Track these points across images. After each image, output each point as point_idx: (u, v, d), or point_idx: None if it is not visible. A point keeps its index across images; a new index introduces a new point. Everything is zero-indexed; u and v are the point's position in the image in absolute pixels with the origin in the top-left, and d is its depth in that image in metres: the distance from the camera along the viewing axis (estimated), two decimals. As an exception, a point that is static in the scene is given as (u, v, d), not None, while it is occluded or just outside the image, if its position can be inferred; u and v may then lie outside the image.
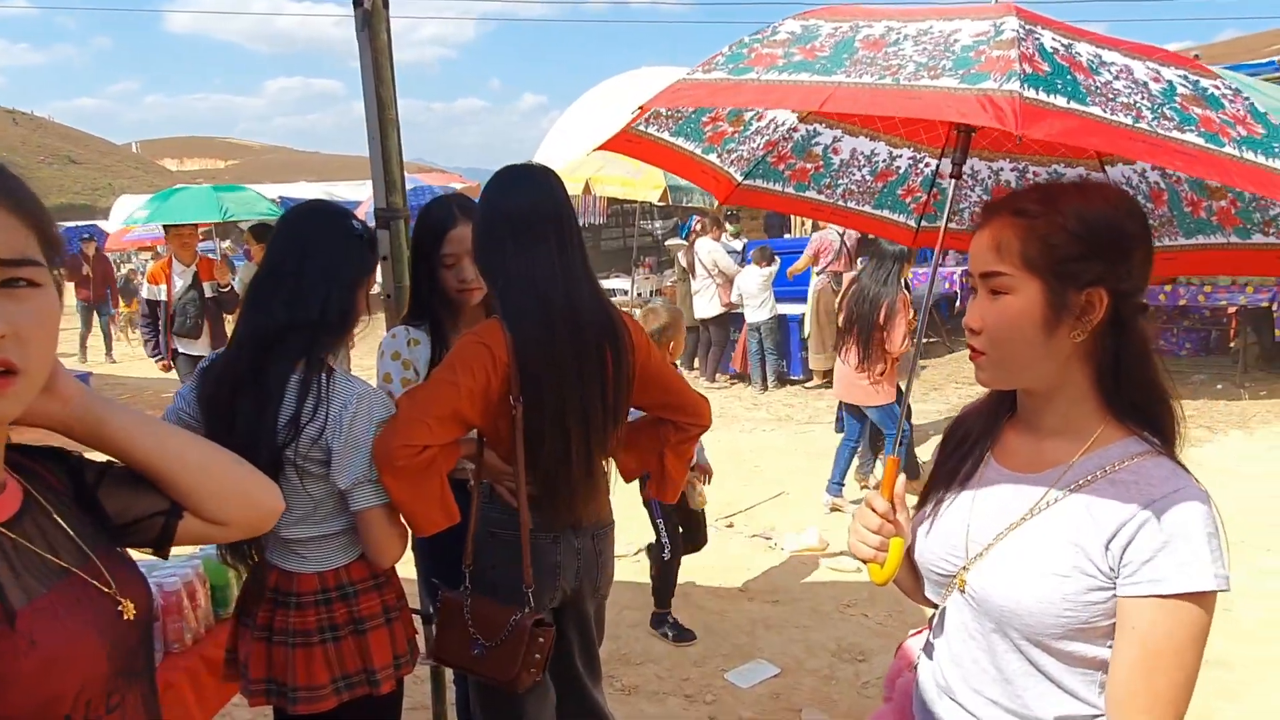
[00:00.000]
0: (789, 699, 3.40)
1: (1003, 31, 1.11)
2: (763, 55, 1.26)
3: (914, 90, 1.08)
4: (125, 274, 17.28)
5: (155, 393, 9.90)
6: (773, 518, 5.47)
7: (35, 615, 0.89)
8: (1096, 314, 1.13)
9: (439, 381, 1.88)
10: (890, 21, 1.22)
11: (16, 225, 0.88)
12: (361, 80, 2.37)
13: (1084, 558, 1.11)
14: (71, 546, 0.99)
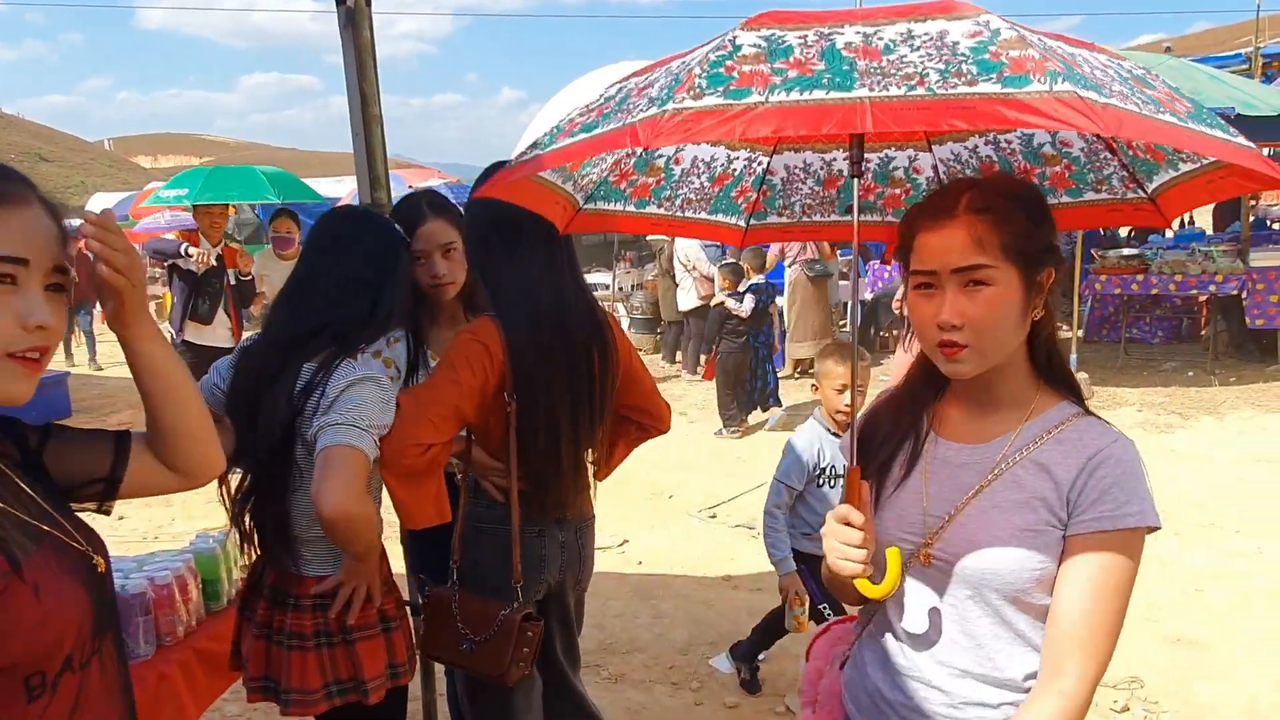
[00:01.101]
0: (774, 684, 3.46)
1: (1000, 32, 1.07)
2: (749, 75, 1.11)
3: (963, 100, 1.01)
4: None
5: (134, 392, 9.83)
6: (755, 508, 5.52)
7: (34, 569, 1.00)
8: (1046, 290, 1.23)
9: (441, 380, 1.91)
10: (857, 25, 1.14)
11: (58, 234, 1.03)
12: (345, 77, 2.39)
13: (1049, 511, 1.20)
14: (40, 510, 1.08)
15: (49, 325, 1.01)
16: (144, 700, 1.79)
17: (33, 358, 1.01)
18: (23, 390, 1.01)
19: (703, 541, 5.03)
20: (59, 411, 8.50)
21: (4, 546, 0.98)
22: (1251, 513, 5.01)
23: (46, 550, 1.04)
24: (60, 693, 1.02)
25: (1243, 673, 3.44)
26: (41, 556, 1.02)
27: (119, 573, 2.05)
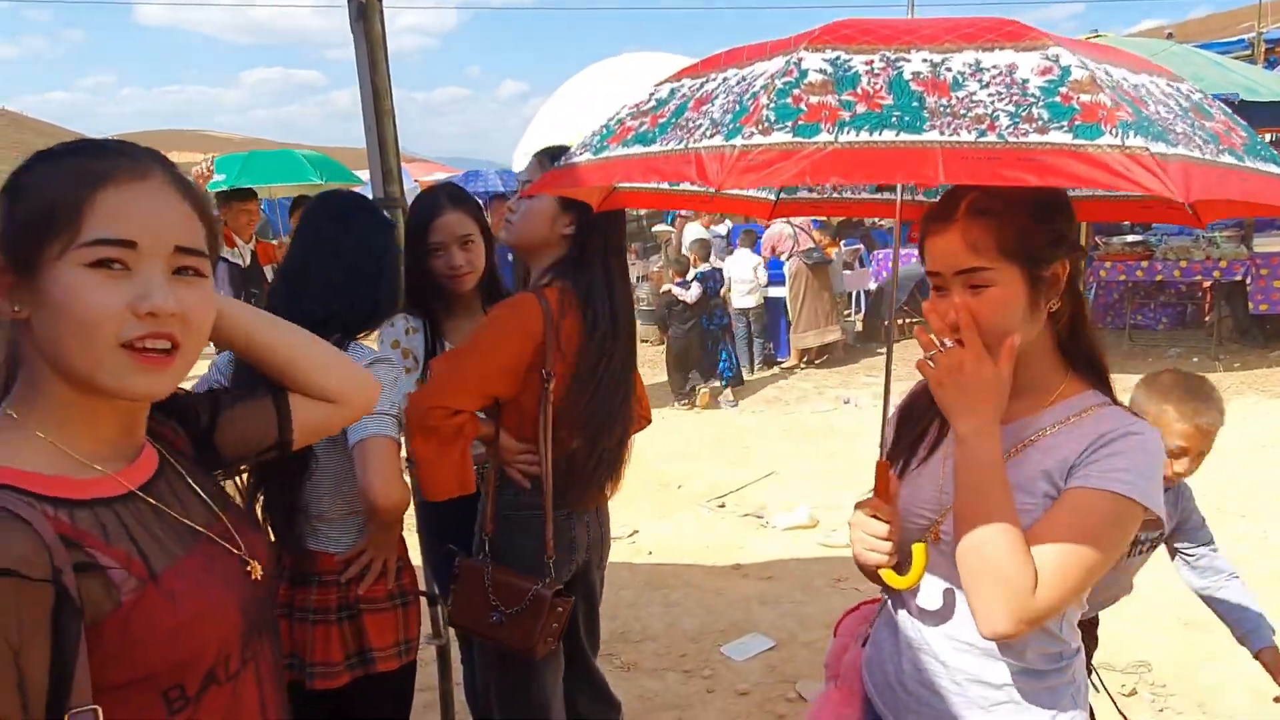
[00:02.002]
0: (784, 671, 3.51)
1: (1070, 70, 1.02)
2: (817, 108, 1.05)
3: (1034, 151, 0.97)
4: None
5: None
6: (764, 498, 5.57)
7: (177, 576, 0.94)
8: (1062, 281, 1.24)
9: (475, 349, 1.95)
10: (923, 51, 1.08)
11: (193, 217, 0.97)
12: (356, 71, 2.40)
13: (1049, 484, 1.23)
14: (202, 508, 1.05)
15: (162, 311, 0.90)
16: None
17: (155, 348, 0.90)
18: (146, 386, 0.92)
19: (712, 531, 5.08)
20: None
21: (142, 553, 0.92)
22: (1257, 498, 5.04)
23: (197, 555, 0.99)
24: (205, 706, 0.96)
25: (1248, 655, 3.47)
26: (191, 561, 0.98)
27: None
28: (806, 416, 7.63)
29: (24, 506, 0.86)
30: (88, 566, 0.87)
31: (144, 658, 0.90)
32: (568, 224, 2.07)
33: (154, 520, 0.98)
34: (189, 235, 0.95)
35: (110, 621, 0.87)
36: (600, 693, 2.45)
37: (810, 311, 9.17)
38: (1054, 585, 1.16)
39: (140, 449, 1.02)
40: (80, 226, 0.88)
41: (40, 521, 0.85)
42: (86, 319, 0.88)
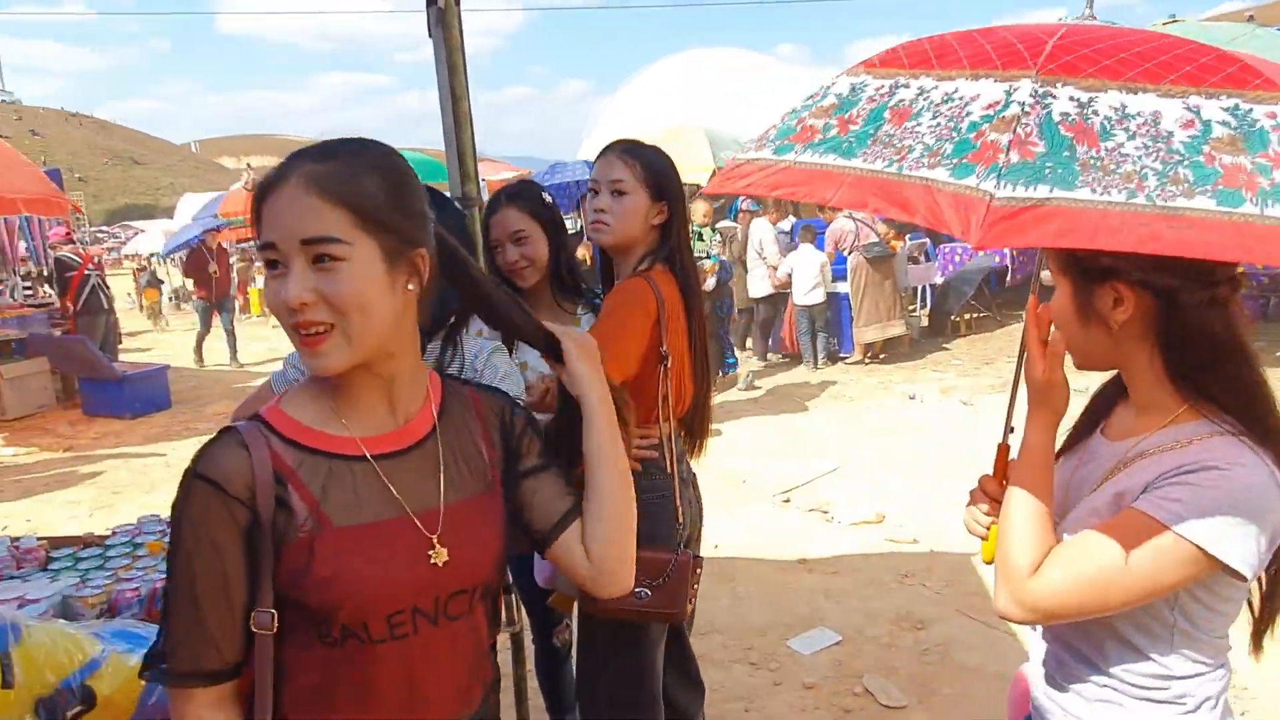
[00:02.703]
0: (850, 666, 3.51)
1: (1009, 105, 1.05)
2: (806, 128, 1.18)
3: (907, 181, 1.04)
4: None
5: (227, 384, 10.31)
6: (828, 493, 5.56)
7: (343, 537, 1.06)
8: (1128, 305, 1.20)
9: (614, 325, 2.02)
10: (926, 78, 1.14)
11: (324, 208, 1.01)
12: (436, 75, 2.46)
13: (1119, 506, 1.20)
14: (426, 494, 1.14)
15: (293, 300, 1.00)
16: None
17: (311, 331, 1.02)
18: (315, 364, 1.04)
19: (778, 525, 5.09)
20: (160, 403, 8.99)
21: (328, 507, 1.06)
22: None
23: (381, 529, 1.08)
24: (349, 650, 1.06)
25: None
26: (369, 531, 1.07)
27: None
28: (871, 411, 7.57)
29: (257, 438, 1.06)
30: (283, 501, 1.05)
31: (301, 590, 1.04)
32: (658, 214, 2.17)
33: (367, 485, 1.10)
34: (315, 225, 1.01)
35: (286, 550, 1.04)
36: (690, 674, 2.52)
37: (871, 306, 9.08)
38: (1058, 583, 1.17)
39: (404, 425, 1.15)
40: (259, 234, 1.04)
41: (261, 453, 1.05)
42: (275, 314, 1.04)
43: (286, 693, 1.07)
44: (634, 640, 2.17)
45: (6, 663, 1.38)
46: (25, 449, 7.61)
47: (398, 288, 1.07)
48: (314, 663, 1.07)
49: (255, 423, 1.08)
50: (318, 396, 1.12)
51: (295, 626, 1.06)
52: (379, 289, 1.04)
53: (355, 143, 1.09)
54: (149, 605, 1.99)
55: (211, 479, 1.03)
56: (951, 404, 7.58)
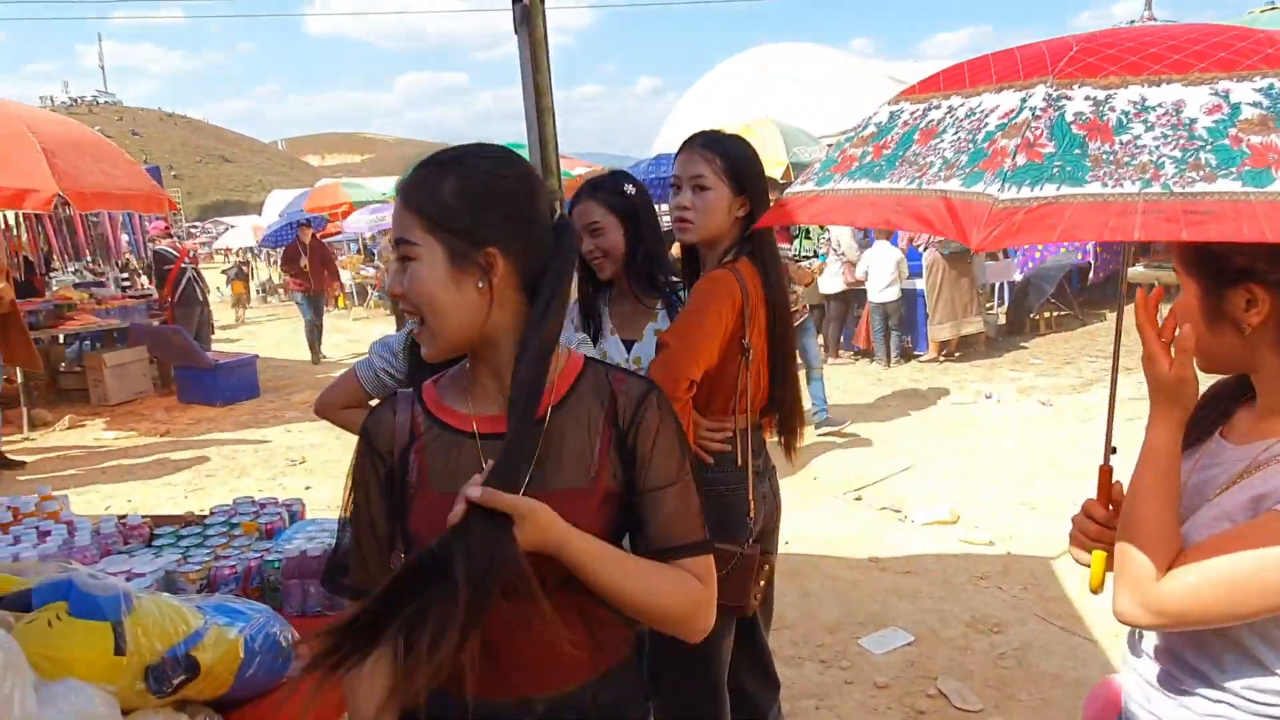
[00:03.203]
0: (924, 667, 3.47)
1: (1022, 111, 1.05)
2: (847, 158, 1.23)
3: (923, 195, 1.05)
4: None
5: (311, 374, 10.67)
6: (901, 491, 5.48)
7: (433, 501, 1.18)
8: (1262, 308, 1.16)
9: (698, 322, 2.05)
10: (956, 97, 1.16)
11: (405, 214, 1.17)
12: (520, 70, 2.52)
13: (1255, 511, 1.16)
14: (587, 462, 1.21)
15: (392, 291, 1.19)
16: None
17: (417, 321, 1.19)
18: (421, 348, 1.20)
19: (849, 523, 5.04)
20: (249, 391, 9.37)
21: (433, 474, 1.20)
22: None
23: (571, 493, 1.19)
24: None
25: None
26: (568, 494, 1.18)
27: (325, 532, 2.32)
28: (946, 410, 7.42)
29: (405, 406, 1.26)
30: (406, 460, 1.23)
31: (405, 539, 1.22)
32: (740, 207, 2.19)
33: (467, 459, 1.20)
34: (399, 229, 1.18)
35: (407, 499, 1.22)
36: (765, 669, 2.52)
37: (947, 303, 8.89)
38: (1190, 586, 1.13)
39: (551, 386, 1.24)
40: None
41: (404, 416, 1.25)
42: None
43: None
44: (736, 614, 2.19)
45: (120, 630, 1.48)
46: (125, 433, 8.02)
47: (465, 286, 1.16)
48: None
49: (412, 391, 1.27)
50: (461, 377, 1.27)
51: None
52: (443, 286, 1.15)
53: (455, 150, 1.21)
54: (245, 582, 2.10)
55: (367, 431, 1.25)
56: (1030, 404, 7.38)
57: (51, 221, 9.51)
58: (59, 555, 2.15)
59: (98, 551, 2.27)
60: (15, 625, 1.47)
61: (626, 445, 1.23)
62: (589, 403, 1.24)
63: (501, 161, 1.20)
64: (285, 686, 1.75)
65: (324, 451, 7.10)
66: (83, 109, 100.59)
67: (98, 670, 1.44)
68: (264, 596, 2.08)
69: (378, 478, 1.24)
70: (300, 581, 2.09)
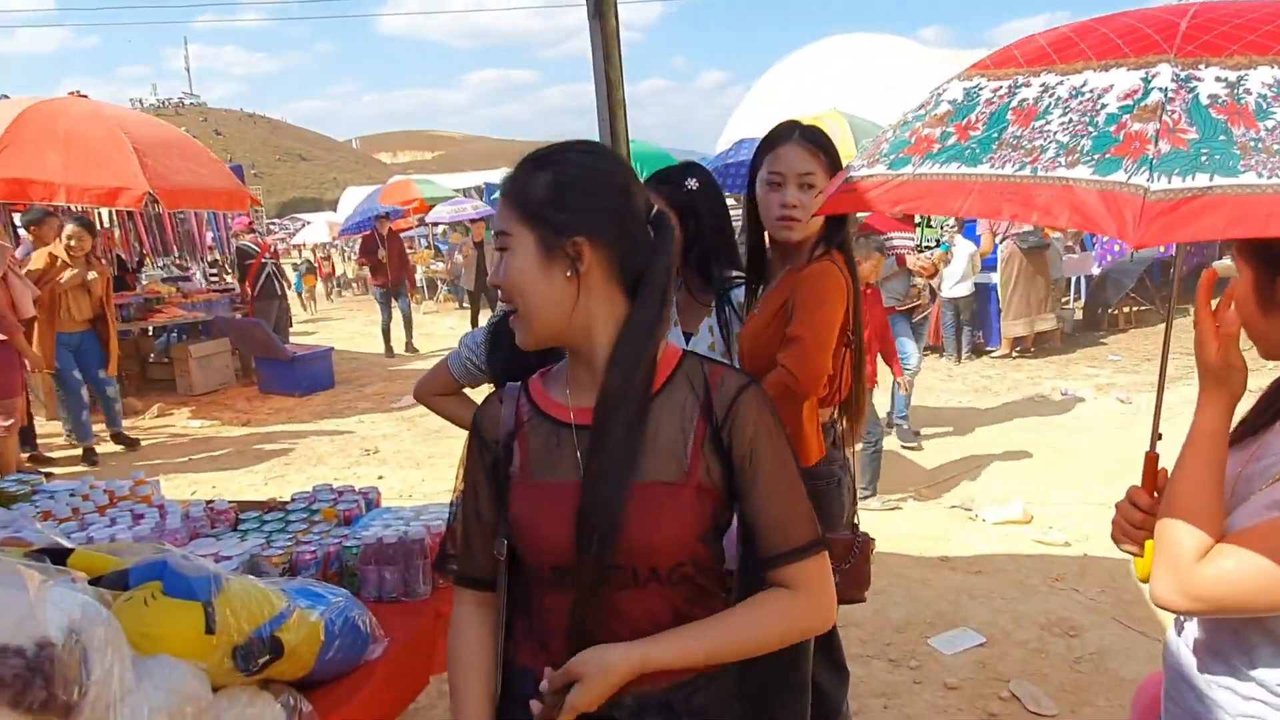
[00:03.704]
0: (996, 669, 3.40)
1: (1150, 93, 0.98)
2: (922, 139, 1.16)
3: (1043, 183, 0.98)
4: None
5: (383, 367, 10.93)
6: (973, 490, 5.37)
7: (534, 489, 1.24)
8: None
9: (827, 315, 2.05)
10: (1048, 75, 1.09)
11: (502, 204, 1.23)
12: (592, 64, 2.52)
13: None
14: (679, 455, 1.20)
15: (490, 283, 1.27)
16: (425, 631, 2.10)
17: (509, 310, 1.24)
18: (518, 338, 1.24)
19: (917, 521, 4.96)
20: (325, 382, 9.65)
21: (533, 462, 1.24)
22: None
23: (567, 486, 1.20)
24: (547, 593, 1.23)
25: None
26: (553, 487, 1.22)
27: (400, 520, 2.39)
28: (1018, 407, 7.23)
29: (511, 398, 1.31)
30: (509, 449, 1.27)
31: (507, 525, 1.25)
32: None
33: (564, 448, 1.24)
34: (498, 221, 1.23)
35: (509, 487, 1.26)
36: (836, 660, 2.53)
37: (1022, 298, 8.66)
38: (1231, 571, 1.10)
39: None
40: None
41: (510, 408, 1.29)
42: None
43: (516, 615, 1.30)
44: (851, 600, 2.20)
45: (210, 610, 1.55)
46: (209, 422, 8.35)
47: (555, 275, 1.19)
48: (535, 593, 1.26)
49: (519, 384, 1.32)
50: (564, 369, 1.30)
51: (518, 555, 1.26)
52: (534, 275, 1.19)
53: (554, 145, 1.25)
54: (324, 566, 2.17)
55: (476, 422, 1.32)
56: (1108, 401, 7.14)
57: (142, 219, 9.93)
58: (151, 537, 2.26)
59: (186, 535, 2.37)
60: (114, 603, 1.55)
61: (721, 441, 1.21)
62: (684, 395, 1.24)
63: (593, 156, 1.23)
64: (363, 669, 1.81)
65: (396, 442, 7.27)
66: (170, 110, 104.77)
67: (189, 648, 1.51)
68: (342, 581, 2.15)
69: (484, 466, 1.29)
70: (377, 567, 2.16)
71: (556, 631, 1.23)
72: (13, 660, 1.27)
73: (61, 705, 1.29)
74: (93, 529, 2.28)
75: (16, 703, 1.26)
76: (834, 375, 2.12)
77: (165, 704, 1.42)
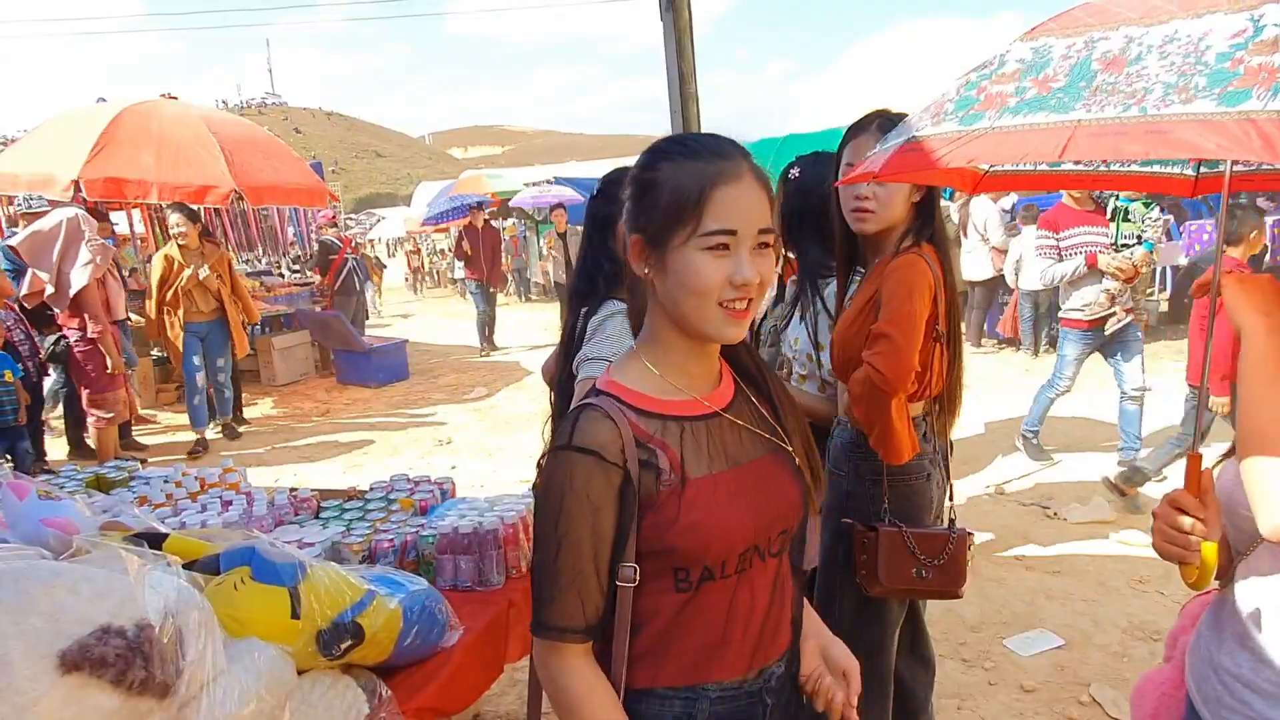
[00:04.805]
0: (1075, 672, 3.30)
1: (1263, 28, 0.96)
2: (993, 96, 1.15)
3: (1163, 122, 0.95)
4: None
5: (458, 359, 11.12)
6: (1048, 488, 5.21)
7: (701, 487, 1.21)
8: None
9: (913, 309, 2.01)
10: (1130, 28, 1.08)
11: (768, 203, 1.21)
12: (664, 57, 2.52)
13: None
14: (770, 426, 1.32)
15: (752, 280, 1.17)
16: (498, 620, 2.14)
17: (739, 308, 1.18)
18: (734, 333, 1.20)
19: (992, 517, 4.84)
20: (400, 374, 9.88)
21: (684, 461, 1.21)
22: None
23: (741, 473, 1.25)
24: (703, 592, 1.22)
25: None
26: (725, 478, 1.23)
27: (474, 511, 2.44)
28: (1094, 402, 6.97)
29: (616, 411, 1.21)
30: (648, 464, 1.20)
31: (664, 539, 1.19)
32: (917, 192, 2.12)
33: (721, 436, 1.26)
34: (767, 218, 1.20)
35: (654, 506, 1.19)
36: (922, 654, 2.49)
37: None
38: None
39: (719, 380, 1.31)
40: (701, 219, 1.15)
41: (623, 423, 1.20)
42: (703, 288, 1.16)
43: (637, 642, 1.23)
44: (875, 618, 2.18)
45: (296, 596, 1.61)
46: (291, 410, 8.64)
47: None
48: (666, 609, 1.22)
49: (608, 398, 1.23)
50: (645, 372, 1.26)
51: (654, 576, 1.21)
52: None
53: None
54: (401, 555, 2.23)
55: (591, 449, 1.17)
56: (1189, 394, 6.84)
57: (228, 215, 10.31)
58: (239, 523, 2.35)
59: (272, 521, 2.47)
60: (206, 587, 1.62)
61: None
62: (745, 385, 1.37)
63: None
64: (440, 655, 1.86)
65: (469, 433, 7.41)
66: (253, 110, 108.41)
67: (276, 631, 1.58)
68: (419, 569, 2.21)
69: (614, 492, 1.18)
70: (452, 557, 2.21)
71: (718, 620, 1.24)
72: (115, 640, 1.34)
73: (159, 685, 1.35)
74: (185, 514, 2.39)
75: (119, 681, 1.33)
76: (923, 370, 2.07)
77: (254, 686, 1.48)
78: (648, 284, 1.23)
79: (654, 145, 1.23)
